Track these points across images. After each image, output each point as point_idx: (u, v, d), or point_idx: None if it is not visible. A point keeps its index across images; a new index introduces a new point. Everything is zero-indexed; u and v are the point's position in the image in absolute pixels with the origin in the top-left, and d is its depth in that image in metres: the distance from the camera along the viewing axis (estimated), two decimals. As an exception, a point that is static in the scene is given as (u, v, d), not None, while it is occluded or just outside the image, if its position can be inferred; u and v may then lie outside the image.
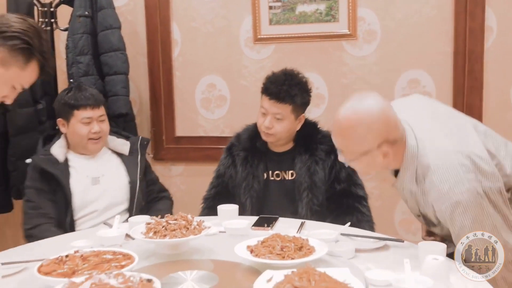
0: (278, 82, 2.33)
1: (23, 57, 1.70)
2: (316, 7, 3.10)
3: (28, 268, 1.66)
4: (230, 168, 2.48)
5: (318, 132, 2.44)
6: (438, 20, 2.96)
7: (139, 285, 1.30)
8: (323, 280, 1.32)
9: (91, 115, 2.46)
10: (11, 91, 1.77)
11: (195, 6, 3.29)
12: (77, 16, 3.02)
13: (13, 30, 1.69)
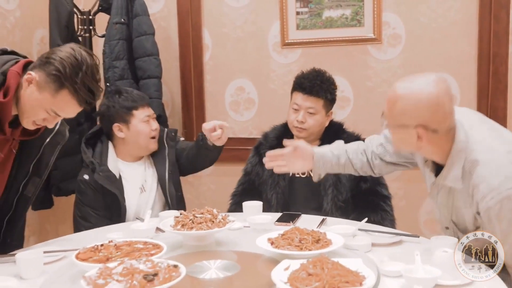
0: (311, 77, 2.44)
1: (54, 84, 1.73)
2: (342, 12, 3.16)
3: (67, 256, 1.79)
4: (256, 166, 2.56)
5: (344, 132, 2.52)
6: (462, 24, 2.98)
7: (166, 270, 1.41)
8: (336, 268, 1.41)
9: (149, 113, 2.53)
10: (48, 115, 1.79)
11: (226, 12, 3.38)
12: (113, 23, 3.12)
13: (53, 57, 1.74)
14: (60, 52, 1.76)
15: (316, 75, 2.48)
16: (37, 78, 1.74)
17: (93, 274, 1.40)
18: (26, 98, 1.77)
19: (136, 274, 1.36)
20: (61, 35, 3.01)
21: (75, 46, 1.79)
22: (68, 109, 1.81)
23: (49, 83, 1.74)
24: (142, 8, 3.19)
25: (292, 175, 2.49)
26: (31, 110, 1.78)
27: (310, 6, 3.21)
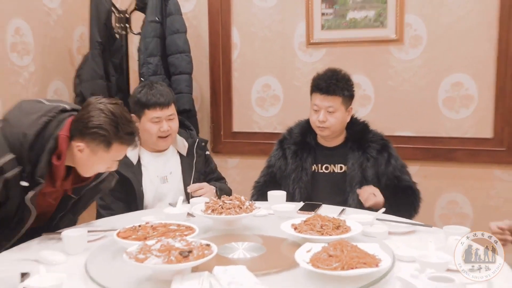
0: (326, 78, 2.48)
1: (103, 144, 1.84)
2: (366, 13, 3.21)
3: (107, 236, 1.91)
4: (280, 160, 2.61)
5: (369, 131, 2.55)
6: (482, 26, 3.00)
7: (199, 248, 1.52)
8: (354, 251, 1.50)
9: (160, 115, 2.49)
10: (109, 165, 1.94)
11: (254, 12, 3.44)
12: (148, 21, 3.22)
13: (91, 125, 1.83)
14: (93, 118, 1.83)
15: (332, 74, 2.50)
16: (87, 147, 1.86)
17: (134, 250, 1.50)
18: (84, 161, 1.89)
19: (173, 251, 1.46)
20: (100, 32, 3.13)
21: (101, 105, 1.86)
22: (122, 153, 1.94)
23: (99, 145, 1.85)
24: (175, 8, 3.29)
25: (314, 170, 2.54)
26: (92, 167, 1.93)
27: (335, 7, 3.26)
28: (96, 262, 1.64)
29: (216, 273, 1.42)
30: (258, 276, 1.42)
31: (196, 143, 2.69)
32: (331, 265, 1.44)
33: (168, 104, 2.53)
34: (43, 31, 3.13)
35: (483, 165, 3.08)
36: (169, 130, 2.53)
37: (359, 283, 1.41)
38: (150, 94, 2.51)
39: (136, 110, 2.54)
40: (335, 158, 2.53)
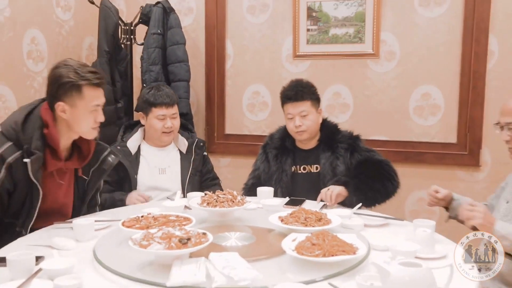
0: (293, 87, 2.49)
1: (75, 92, 1.86)
2: (346, 30, 3.23)
3: (112, 225, 1.91)
4: (264, 163, 2.58)
5: (339, 133, 2.53)
6: (448, 44, 3.04)
7: (197, 236, 1.53)
8: (334, 240, 1.53)
9: (165, 112, 2.57)
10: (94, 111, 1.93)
11: (246, 27, 3.45)
12: (151, 33, 3.22)
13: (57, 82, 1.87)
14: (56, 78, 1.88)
15: (296, 83, 2.51)
16: (65, 104, 1.88)
17: (138, 237, 1.52)
18: (72, 119, 1.90)
19: (173, 238, 1.47)
20: (108, 42, 3.12)
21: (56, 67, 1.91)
22: (97, 95, 1.92)
23: (72, 96, 1.87)
24: (176, 22, 3.28)
25: (293, 171, 2.51)
26: (82, 122, 1.92)
27: (319, 24, 3.28)
28: (103, 248, 1.64)
29: (212, 259, 1.44)
30: (249, 262, 1.43)
31: (195, 143, 2.73)
32: (314, 252, 1.47)
33: (173, 104, 2.61)
34: (56, 41, 3.12)
35: (448, 167, 3.12)
36: (172, 127, 2.59)
37: (339, 268, 1.44)
38: (157, 94, 2.59)
39: (144, 108, 2.61)
40: (311, 159, 2.52)
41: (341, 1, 3.21)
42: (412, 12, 3.09)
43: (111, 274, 1.45)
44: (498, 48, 2.95)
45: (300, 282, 1.33)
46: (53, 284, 1.34)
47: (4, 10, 2.68)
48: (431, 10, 3.06)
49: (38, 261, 1.49)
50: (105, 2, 3.17)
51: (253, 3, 3.42)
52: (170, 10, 3.29)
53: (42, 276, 1.40)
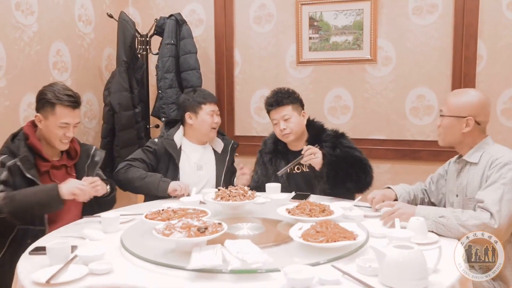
0: (273, 95, 2.57)
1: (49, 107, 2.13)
2: (346, 38, 3.31)
3: (135, 218, 2.02)
4: (261, 167, 2.64)
5: (324, 132, 2.56)
6: (440, 50, 3.11)
7: (213, 226, 1.63)
8: (336, 228, 1.63)
9: (213, 108, 2.64)
10: (63, 128, 2.14)
11: (253, 36, 3.53)
12: (165, 44, 3.29)
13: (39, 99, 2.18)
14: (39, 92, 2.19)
15: (277, 91, 2.57)
16: (41, 115, 2.15)
17: (161, 227, 1.63)
18: (44, 130, 2.17)
19: (192, 227, 1.58)
20: (125, 53, 3.19)
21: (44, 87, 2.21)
22: (67, 114, 2.16)
23: (46, 110, 2.14)
24: (188, 33, 3.36)
25: (288, 172, 2.54)
26: (52, 133, 2.16)
27: (320, 32, 3.36)
28: (129, 237, 1.75)
29: (227, 245, 1.54)
30: (260, 248, 1.52)
31: (231, 144, 2.78)
32: (318, 239, 1.57)
33: (216, 102, 2.72)
34: (79, 52, 3.22)
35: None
36: (218, 122, 2.69)
37: (340, 253, 1.53)
38: (204, 94, 2.68)
39: (194, 108, 2.64)
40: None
41: (340, 11, 3.30)
42: (406, 20, 3.17)
43: (137, 260, 1.55)
44: (487, 53, 3.02)
45: (306, 264, 1.43)
46: (88, 269, 1.45)
47: (32, 26, 2.80)
48: (424, 18, 3.13)
49: (73, 249, 1.60)
50: (123, 16, 3.26)
51: (258, 14, 3.51)
52: (182, 22, 3.37)
53: (77, 262, 1.51)
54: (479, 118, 1.93)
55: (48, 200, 1.97)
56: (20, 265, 1.57)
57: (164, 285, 1.39)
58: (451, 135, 1.98)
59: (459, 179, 2.00)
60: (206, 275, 1.42)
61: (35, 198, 1.97)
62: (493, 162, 1.84)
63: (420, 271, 1.32)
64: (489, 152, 1.90)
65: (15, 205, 1.94)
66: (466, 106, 1.94)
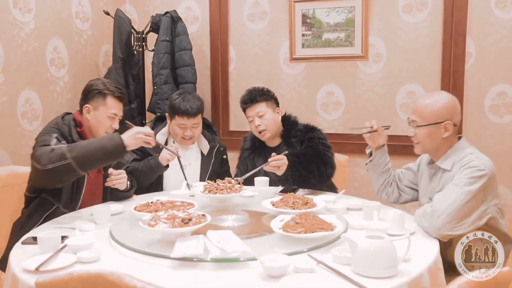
0: (248, 93, 2.61)
1: (100, 98, 2.20)
2: (338, 35, 3.36)
3: (125, 211, 2.09)
4: (243, 163, 2.70)
5: (295, 127, 2.58)
6: (429, 47, 3.15)
7: (197, 217, 1.69)
8: (315, 219, 1.69)
9: (185, 122, 2.55)
10: (111, 119, 2.21)
11: (247, 33, 3.58)
12: (161, 40, 3.35)
13: (88, 89, 2.24)
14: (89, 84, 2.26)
15: (251, 90, 2.61)
16: (90, 105, 2.20)
17: (147, 218, 1.69)
18: (93, 121, 2.21)
19: (177, 218, 1.64)
20: (122, 49, 3.26)
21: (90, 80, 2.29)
22: (116, 106, 2.24)
23: (97, 100, 2.21)
24: (183, 29, 3.41)
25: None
26: (100, 123, 2.20)
27: (312, 29, 3.41)
28: (118, 228, 1.81)
29: (209, 235, 1.60)
30: (242, 239, 1.59)
31: (216, 148, 2.74)
32: (297, 230, 1.63)
33: (195, 115, 2.55)
34: (76, 49, 3.28)
35: None
36: (191, 135, 2.60)
37: (318, 243, 1.59)
38: (182, 104, 2.54)
39: (169, 113, 2.63)
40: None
41: (332, 8, 3.35)
42: (397, 18, 3.21)
43: (124, 249, 1.61)
44: (475, 50, 3.06)
45: (284, 254, 1.48)
46: (76, 257, 1.52)
47: (29, 23, 2.86)
48: (414, 16, 3.18)
49: (63, 239, 1.67)
50: (119, 13, 3.32)
51: (252, 11, 3.56)
52: (177, 19, 3.42)
53: (67, 251, 1.58)
54: (455, 119, 1.91)
55: (110, 145, 1.94)
56: (13, 254, 1.63)
57: (149, 273, 1.46)
58: (430, 143, 1.94)
59: (432, 183, 2.00)
60: (188, 263, 1.48)
61: (99, 144, 1.95)
62: (462, 166, 1.84)
63: (389, 260, 1.38)
64: (460, 158, 1.88)
65: (79, 149, 1.93)
66: (442, 111, 1.89)
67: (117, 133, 2.02)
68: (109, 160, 2.03)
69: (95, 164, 2.02)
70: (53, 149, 1.96)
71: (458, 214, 1.71)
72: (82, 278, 1.14)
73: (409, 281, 1.37)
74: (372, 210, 1.87)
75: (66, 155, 1.91)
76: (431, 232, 1.72)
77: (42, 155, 1.95)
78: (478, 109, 3.10)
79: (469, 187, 1.74)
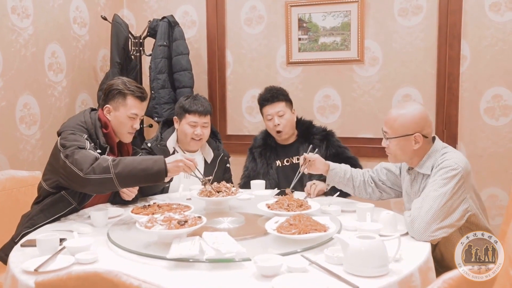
0: (268, 91, 2.69)
1: (120, 98, 2.20)
2: (334, 39, 3.42)
3: (123, 214, 2.14)
4: (252, 162, 2.76)
5: (313, 127, 2.73)
6: (425, 50, 3.21)
7: (193, 219, 1.74)
8: (308, 221, 1.74)
9: (197, 120, 2.57)
10: (132, 119, 2.22)
11: (244, 37, 3.64)
12: (158, 45, 3.40)
13: (109, 89, 2.24)
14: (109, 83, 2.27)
15: (271, 88, 2.69)
16: (111, 106, 2.21)
17: (144, 220, 1.74)
18: (115, 121, 2.22)
19: (173, 220, 1.69)
20: (119, 54, 3.31)
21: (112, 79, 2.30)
22: (137, 106, 2.24)
23: (118, 100, 2.21)
24: (180, 34, 3.46)
25: (278, 165, 2.69)
26: (121, 124, 2.22)
27: (309, 34, 3.47)
28: (116, 230, 1.86)
29: (204, 237, 1.65)
30: (237, 240, 1.64)
31: (220, 157, 2.74)
32: (291, 231, 1.68)
33: (205, 114, 2.60)
34: (74, 54, 3.34)
35: None
36: (201, 135, 2.59)
37: (311, 244, 1.64)
38: (193, 102, 2.60)
39: (179, 114, 2.64)
40: (292, 152, 2.70)
41: (328, 12, 3.41)
42: (392, 21, 3.27)
43: (122, 251, 1.66)
44: (470, 53, 3.12)
45: (278, 254, 1.53)
46: (74, 259, 1.57)
47: (27, 28, 2.92)
48: (409, 19, 3.24)
49: (62, 241, 1.72)
50: (117, 18, 3.37)
51: (249, 15, 3.61)
52: (174, 24, 3.47)
53: (65, 253, 1.63)
54: (425, 131, 1.92)
55: (153, 168, 1.95)
56: (12, 256, 1.69)
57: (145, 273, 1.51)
58: (402, 155, 1.97)
59: (413, 188, 2.04)
60: (184, 264, 1.53)
61: (143, 165, 1.96)
62: (437, 167, 1.88)
63: (380, 259, 1.43)
64: (437, 161, 1.91)
65: (123, 167, 1.93)
66: (411, 123, 1.91)
67: (161, 157, 2.02)
68: (149, 182, 2.03)
69: (135, 183, 2.05)
70: (97, 158, 1.97)
71: (436, 218, 1.75)
72: (81, 277, 1.18)
73: (399, 280, 1.42)
74: (365, 212, 1.92)
75: (110, 170, 1.92)
76: (417, 239, 1.76)
77: (84, 161, 1.94)
78: (474, 112, 3.15)
79: (443, 189, 1.79)
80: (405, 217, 1.84)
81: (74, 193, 2.12)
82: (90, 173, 1.93)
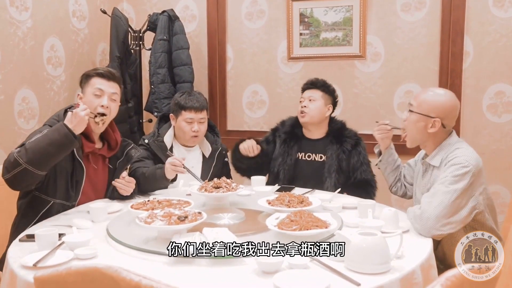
0: (313, 79, 2.74)
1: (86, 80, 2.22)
2: (335, 34, 3.41)
3: (123, 209, 2.13)
4: (271, 144, 2.76)
5: (346, 129, 2.71)
6: (427, 46, 3.20)
7: (193, 215, 1.74)
8: (309, 217, 1.73)
9: (193, 116, 2.57)
10: (98, 96, 2.17)
11: (244, 32, 3.63)
12: (158, 39, 3.40)
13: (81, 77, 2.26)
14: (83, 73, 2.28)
15: (316, 78, 2.75)
16: (82, 92, 2.23)
17: (144, 216, 1.73)
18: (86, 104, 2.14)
19: (173, 216, 1.68)
20: (119, 48, 3.30)
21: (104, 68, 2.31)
22: (101, 82, 2.20)
23: (85, 85, 2.22)
24: (180, 28, 3.46)
25: (298, 157, 2.67)
26: (89, 103, 2.17)
27: (310, 29, 3.46)
28: (115, 226, 1.86)
29: (204, 232, 1.65)
30: (238, 236, 1.63)
31: (218, 151, 2.74)
32: (292, 227, 1.67)
33: (201, 109, 2.60)
34: (73, 47, 3.33)
35: None
36: (198, 131, 2.60)
37: (313, 240, 1.62)
38: (188, 99, 2.60)
39: (175, 110, 2.64)
40: (316, 148, 2.68)
41: (330, 7, 3.40)
42: (395, 17, 3.26)
43: (121, 246, 1.66)
44: (473, 49, 3.11)
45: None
46: (73, 254, 1.57)
47: (26, 22, 2.91)
48: (412, 15, 3.23)
49: (61, 236, 1.71)
50: (116, 12, 3.37)
51: (250, 10, 3.60)
52: (175, 18, 3.47)
53: (64, 248, 1.63)
54: (446, 121, 1.97)
55: (59, 137, 1.92)
56: (10, 251, 1.68)
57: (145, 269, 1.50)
58: (417, 133, 2.02)
59: (424, 180, 2.07)
60: (184, 259, 1.52)
61: (47, 139, 1.92)
62: (447, 163, 1.90)
63: (382, 256, 1.43)
64: (448, 155, 1.94)
65: (30, 152, 1.90)
66: (436, 107, 1.96)
67: (60, 123, 1.97)
68: (64, 150, 1.98)
69: (51, 160, 1.97)
70: (7, 157, 1.96)
71: (446, 213, 1.78)
72: (80, 272, 1.18)
73: (401, 277, 1.42)
74: (366, 208, 1.92)
75: (18, 161, 1.89)
76: (423, 233, 1.78)
77: (3, 165, 1.97)
78: (476, 108, 3.15)
79: (454, 186, 1.81)
80: (411, 211, 1.84)
81: (46, 190, 2.11)
82: (5, 173, 1.94)
